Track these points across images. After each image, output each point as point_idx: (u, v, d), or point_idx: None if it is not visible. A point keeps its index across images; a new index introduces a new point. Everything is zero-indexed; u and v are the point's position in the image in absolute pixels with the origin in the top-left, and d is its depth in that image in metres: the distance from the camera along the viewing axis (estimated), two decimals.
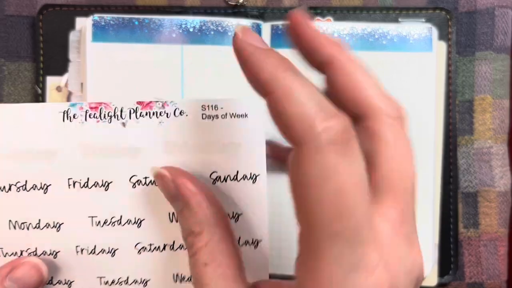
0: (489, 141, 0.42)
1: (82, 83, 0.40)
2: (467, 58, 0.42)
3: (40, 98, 0.40)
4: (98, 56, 0.39)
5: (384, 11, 0.41)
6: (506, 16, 0.42)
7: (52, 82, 0.40)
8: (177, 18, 0.40)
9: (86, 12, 0.40)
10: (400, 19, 0.41)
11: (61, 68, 0.40)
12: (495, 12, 0.42)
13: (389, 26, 0.41)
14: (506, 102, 0.43)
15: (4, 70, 0.41)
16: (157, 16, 0.40)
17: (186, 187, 0.22)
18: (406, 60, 0.40)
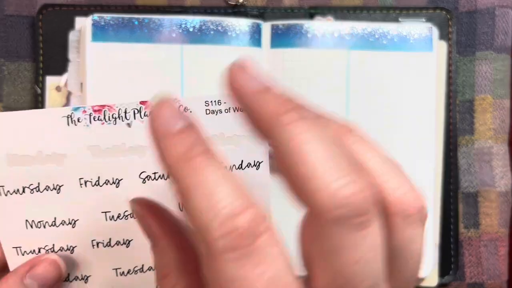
0: (489, 141, 0.42)
1: (81, 83, 0.40)
2: (468, 58, 0.42)
3: (39, 98, 0.40)
4: (97, 56, 0.39)
5: (384, 11, 0.41)
6: (506, 16, 0.42)
7: (51, 82, 0.40)
8: (177, 17, 0.40)
9: (86, 11, 0.40)
10: (400, 19, 0.41)
11: (60, 68, 0.40)
12: (496, 12, 0.42)
13: (389, 26, 0.41)
14: (507, 102, 0.42)
15: (3, 70, 0.41)
16: (157, 15, 0.40)
17: (151, 230, 0.22)
18: (407, 60, 0.40)
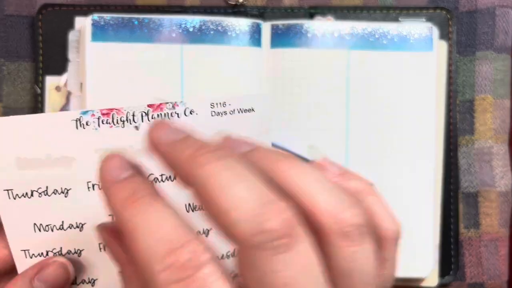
0: (489, 141, 0.42)
1: (81, 83, 0.40)
2: (468, 57, 0.42)
3: (39, 98, 0.40)
4: (97, 55, 0.39)
5: (384, 11, 0.41)
6: (507, 15, 0.42)
7: (51, 82, 0.40)
8: (176, 17, 0.40)
9: (86, 11, 0.40)
10: (400, 19, 0.41)
11: (60, 68, 0.40)
12: (496, 11, 0.42)
13: (389, 26, 0.40)
14: (507, 102, 0.42)
15: (3, 70, 0.41)
16: (156, 15, 0.40)
17: (117, 256, 0.22)
18: (407, 59, 0.40)
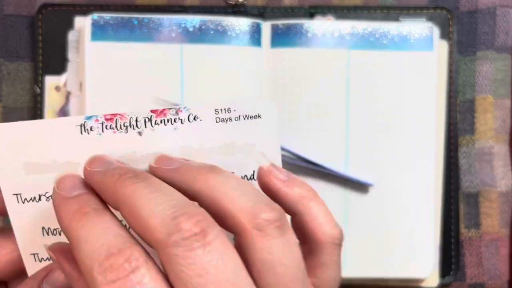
0: (490, 141, 0.42)
1: (81, 83, 0.40)
2: (468, 57, 0.42)
3: (39, 97, 0.40)
4: (97, 55, 0.39)
5: (385, 10, 0.41)
6: (507, 15, 0.42)
7: (51, 81, 0.40)
8: (176, 17, 0.40)
9: (85, 11, 0.40)
10: (401, 18, 0.41)
11: (60, 67, 0.40)
12: (496, 11, 0.42)
13: (390, 25, 0.40)
14: (508, 102, 0.42)
15: (3, 70, 0.41)
16: (156, 15, 0.40)
17: (66, 272, 0.23)
18: (407, 59, 0.40)
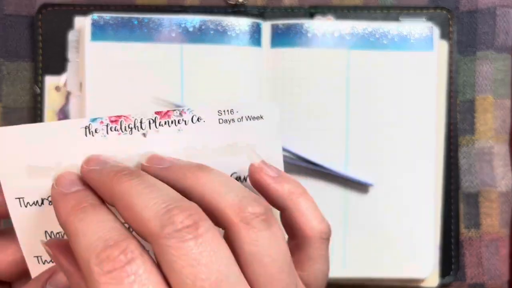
0: (490, 141, 0.42)
1: (81, 83, 0.40)
2: (468, 57, 0.42)
3: (39, 97, 0.40)
4: (97, 55, 0.39)
5: (385, 10, 0.41)
6: (507, 15, 0.42)
7: (51, 81, 0.40)
8: (176, 17, 0.40)
9: (85, 11, 0.40)
10: (401, 18, 0.41)
11: (60, 67, 0.40)
12: (497, 11, 0.42)
13: (390, 25, 0.40)
14: (508, 102, 0.42)
15: (3, 70, 0.41)
16: (156, 15, 0.40)
17: (64, 267, 0.23)
18: (407, 59, 0.40)
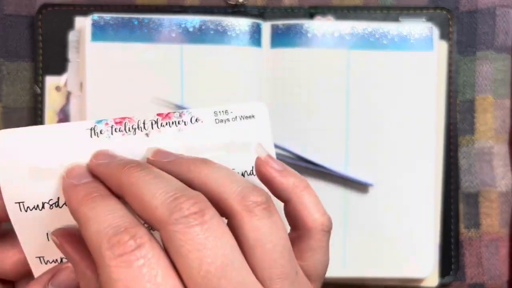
0: (490, 141, 0.42)
1: (81, 83, 0.40)
2: (468, 57, 0.42)
3: (39, 98, 0.40)
4: (97, 55, 0.39)
5: (384, 11, 0.41)
6: (507, 15, 0.42)
7: (51, 82, 0.40)
8: (176, 17, 0.40)
9: (85, 11, 0.40)
10: (400, 19, 0.41)
11: (60, 67, 0.40)
12: (496, 11, 0.42)
13: (389, 26, 0.40)
14: (507, 102, 0.42)
15: (3, 70, 0.41)
16: (156, 15, 0.40)
17: (69, 256, 0.23)
18: (407, 59, 0.40)
